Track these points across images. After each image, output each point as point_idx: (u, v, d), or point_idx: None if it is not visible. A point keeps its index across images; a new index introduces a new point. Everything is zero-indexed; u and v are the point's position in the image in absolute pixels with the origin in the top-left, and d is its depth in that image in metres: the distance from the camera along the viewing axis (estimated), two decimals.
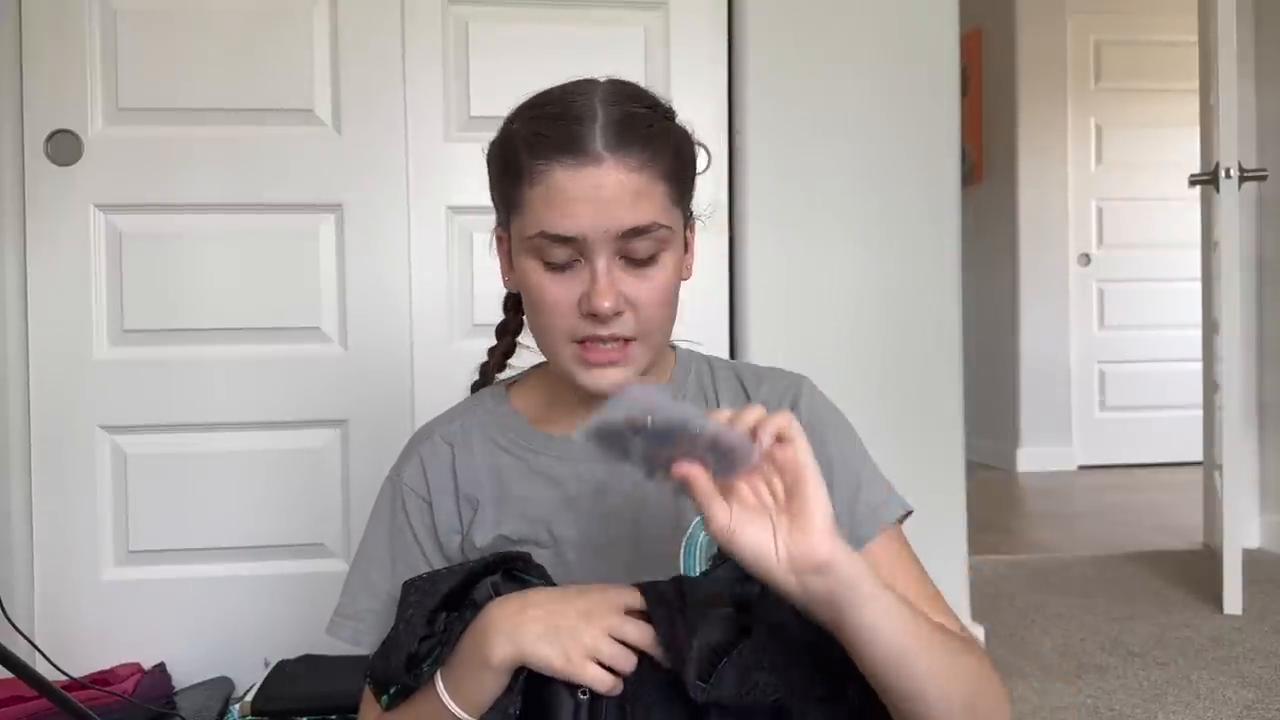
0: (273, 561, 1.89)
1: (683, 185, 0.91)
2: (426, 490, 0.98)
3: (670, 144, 0.89)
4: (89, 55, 1.83)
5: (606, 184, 0.84)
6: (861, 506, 0.94)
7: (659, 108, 0.91)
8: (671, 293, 0.91)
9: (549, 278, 0.88)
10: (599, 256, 0.86)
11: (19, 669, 1.12)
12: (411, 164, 1.89)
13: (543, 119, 0.87)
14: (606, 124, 0.85)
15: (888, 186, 1.95)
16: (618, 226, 0.85)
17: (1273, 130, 2.95)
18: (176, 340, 1.86)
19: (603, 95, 0.88)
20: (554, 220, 0.85)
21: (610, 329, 0.87)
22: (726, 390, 1.00)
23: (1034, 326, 4.71)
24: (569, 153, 0.84)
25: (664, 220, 0.87)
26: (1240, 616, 2.30)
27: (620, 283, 0.87)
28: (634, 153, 0.85)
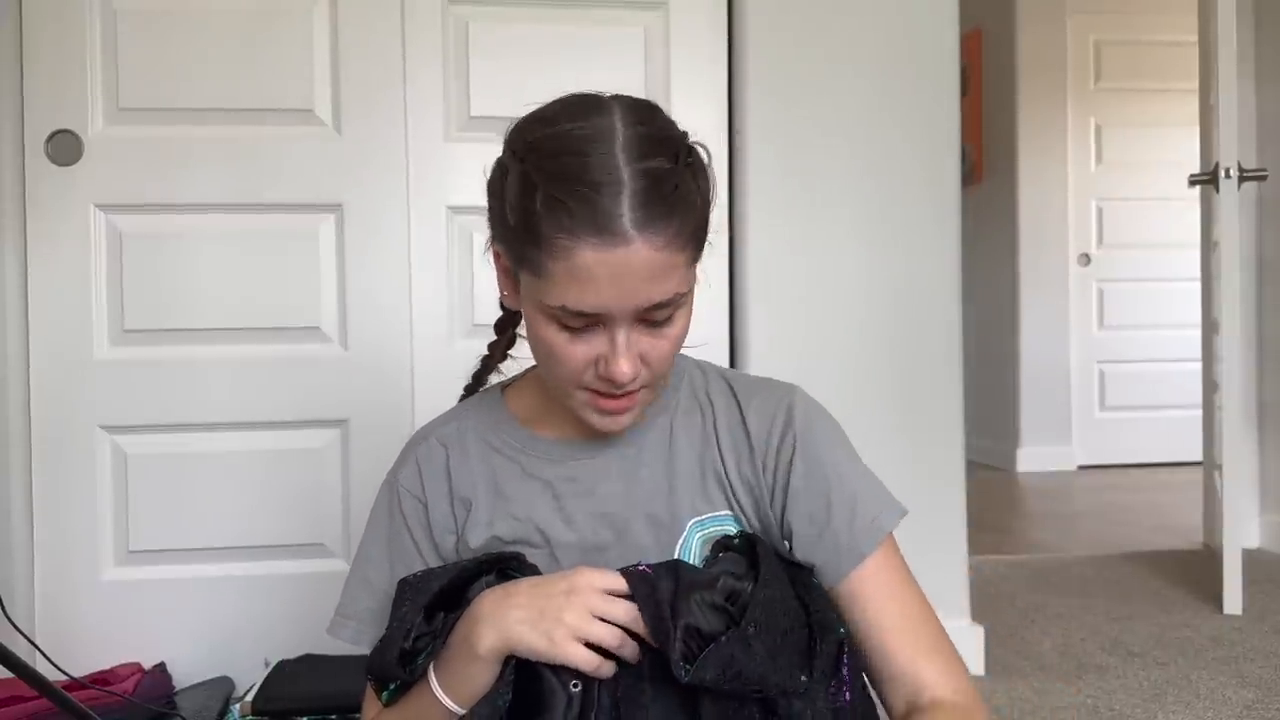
0: (273, 561, 1.89)
1: (701, 240, 0.87)
2: (422, 491, 0.99)
3: (693, 204, 0.84)
4: (89, 55, 1.83)
5: (635, 264, 0.80)
6: (859, 521, 0.94)
7: (680, 150, 0.85)
8: (682, 340, 0.90)
9: (564, 337, 0.86)
10: (619, 328, 0.84)
11: (19, 669, 1.12)
12: (411, 164, 1.89)
13: (562, 180, 0.80)
14: (634, 195, 0.79)
15: (888, 187, 1.95)
16: (645, 301, 0.83)
17: (1273, 130, 2.95)
18: (176, 340, 1.86)
19: (625, 147, 0.81)
20: (577, 298, 0.82)
21: (625, 388, 0.87)
22: (720, 399, 1.00)
23: (1034, 326, 4.71)
24: (595, 232, 0.79)
25: (684, 289, 0.85)
26: (1240, 616, 2.30)
27: (638, 344, 0.86)
28: (661, 228, 0.80)
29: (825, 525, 0.93)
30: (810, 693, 0.82)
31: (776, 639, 0.81)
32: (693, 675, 0.78)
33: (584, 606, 0.81)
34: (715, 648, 0.78)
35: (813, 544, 0.93)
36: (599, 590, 0.83)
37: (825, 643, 0.84)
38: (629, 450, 0.97)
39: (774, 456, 0.95)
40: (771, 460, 0.95)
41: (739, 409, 0.98)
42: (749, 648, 0.79)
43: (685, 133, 0.89)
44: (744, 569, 0.86)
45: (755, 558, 0.87)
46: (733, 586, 0.84)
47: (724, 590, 0.84)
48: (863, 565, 0.92)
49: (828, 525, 0.93)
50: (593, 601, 0.82)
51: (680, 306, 0.87)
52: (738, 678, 0.78)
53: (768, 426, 0.96)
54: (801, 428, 0.96)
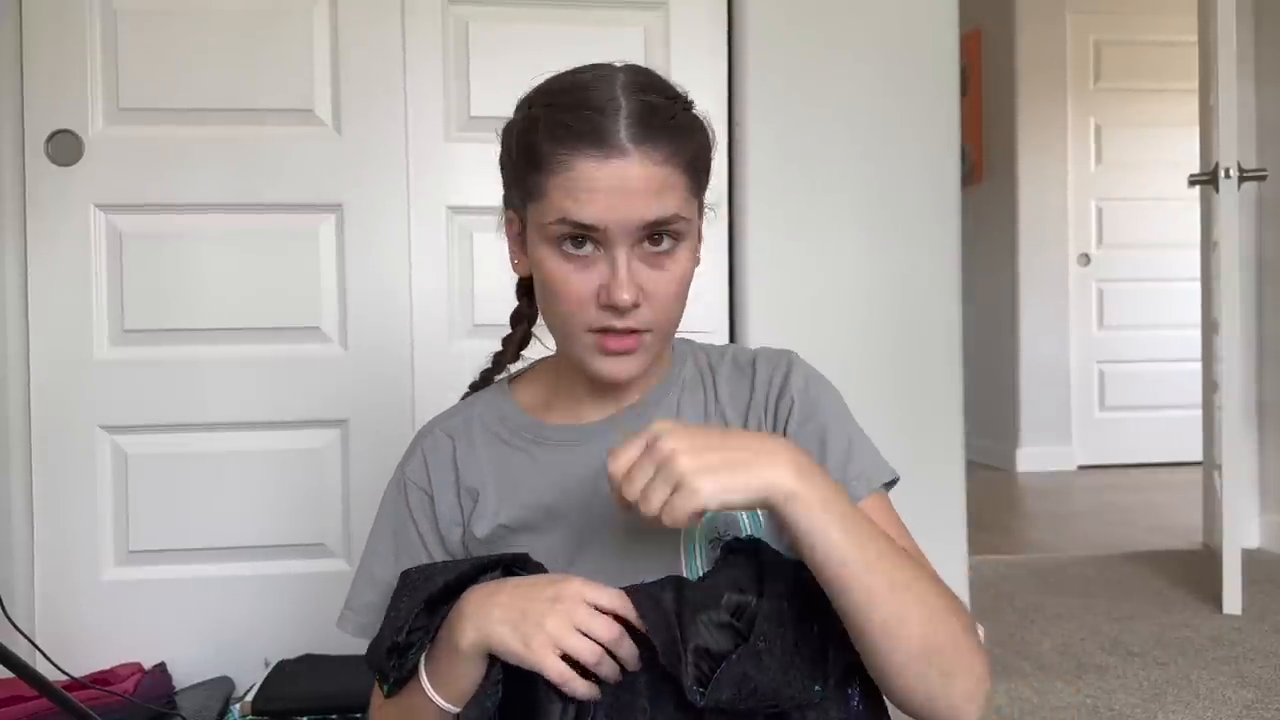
0: (273, 561, 1.89)
1: (700, 176, 0.91)
2: (428, 483, 1.00)
3: (691, 135, 0.90)
4: (89, 55, 1.83)
5: (631, 177, 0.84)
6: (853, 470, 0.95)
7: (679, 98, 0.91)
8: (686, 284, 0.92)
9: (567, 267, 0.88)
10: (619, 248, 0.86)
11: (19, 669, 1.12)
12: (411, 164, 1.89)
13: (565, 107, 0.86)
14: (631, 115, 0.85)
15: (888, 187, 1.95)
16: (640, 219, 0.85)
17: (1272, 130, 2.95)
18: (177, 340, 1.86)
19: (624, 83, 0.87)
20: (576, 210, 0.85)
21: (626, 321, 0.88)
22: (725, 374, 1.02)
23: (1034, 326, 4.71)
24: (594, 144, 0.84)
25: (685, 212, 0.88)
26: (1240, 616, 2.30)
27: (637, 274, 0.87)
28: (659, 145, 0.85)
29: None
30: (823, 702, 0.81)
31: (788, 651, 0.80)
32: (708, 698, 0.76)
33: (566, 616, 0.80)
34: (727, 667, 0.77)
35: None
36: (585, 603, 0.81)
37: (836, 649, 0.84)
38: (636, 428, 0.97)
39: (774, 406, 0.98)
40: (771, 410, 0.98)
41: (743, 377, 1.00)
42: (761, 663, 0.78)
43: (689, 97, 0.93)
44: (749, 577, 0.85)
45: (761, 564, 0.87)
46: (738, 601, 0.83)
47: (729, 606, 0.83)
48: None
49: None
50: (577, 613, 0.80)
51: (681, 239, 0.89)
52: (753, 695, 0.77)
53: (767, 380, 0.99)
54: (799, 383, 0.99)
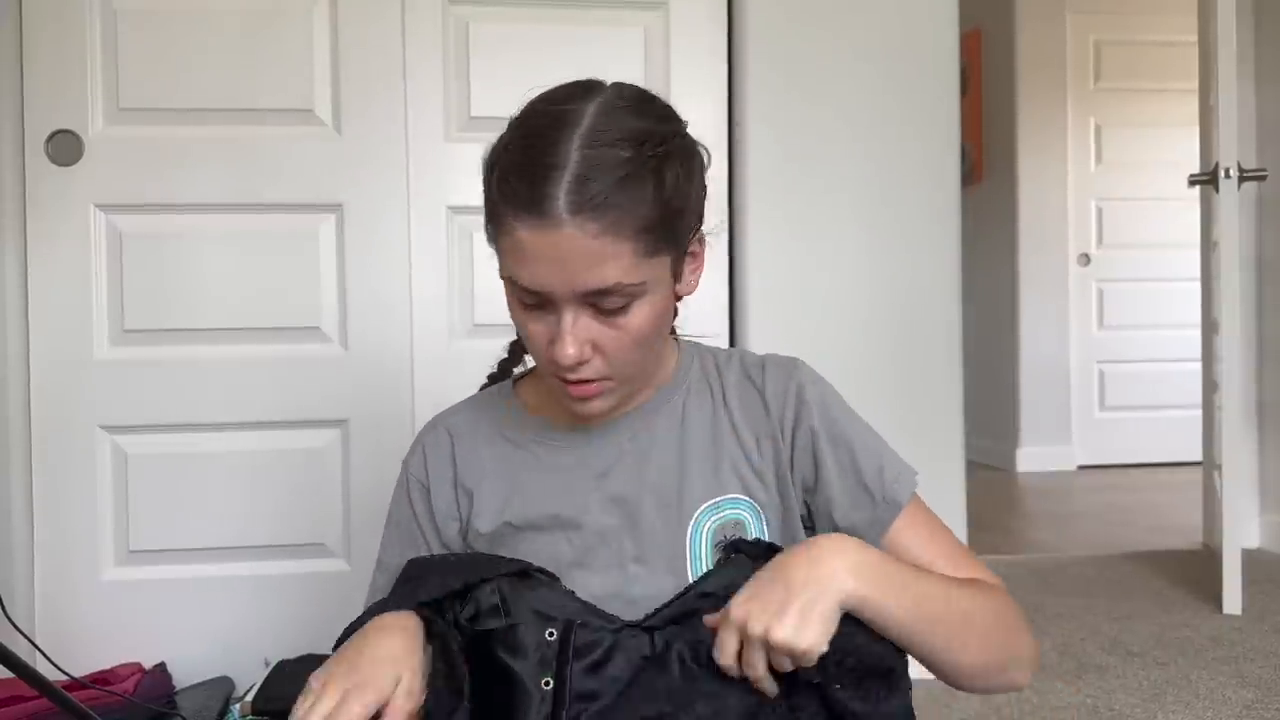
0: (273, 561, 1.89)
1: (662, 229, 0.86)
2: (425, 477, 1.02)
3: (649, 191, 0.84)
4: (89, 55, 1.83)
5: (564, 248, 0.82)
6: (888, 479, 0.97)
7: (648, 141, 0.85)
8: (647, 335, 0.89)
9: (526, 315, 0.89)
10: (564, 309, 0.86)
11: (19, 669, 1.12)
12: (411, 164, 1.89)
13: (514, 165, 0.84)
14: (573, 181, 0.81)
15: (888, 186, 1.95)
16: (576, 288, 0.84)
17: (1272, 130, 2.95)
18: (176, 340, 1.86)
19: (585, 131, 0.83)
20: (520, 273, 0.85)
21: (578, 374, 0.89)
22: (732, 375, 1.02)
23: (1034, 326, 4.71)
24: (531, 211, 0.82)
25: (630, 279, 0.84)
26: (1240, 616, 2.30)
27: (588, 330, 0.86)
28: (598, 216, 0.81)
29: (857, 485, 0.97)
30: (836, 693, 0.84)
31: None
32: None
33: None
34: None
35: (848, 505, 0.96)
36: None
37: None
38: (641, 433, 0.99)
39: (792, 426, 0.98)
40: (790, 430, 0.98)
41: (753, 383, 1.00)
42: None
43: (673, 130, 0.90)
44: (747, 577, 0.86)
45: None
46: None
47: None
48: (901, 516, 0.96)
49: (859, 485, 0.97)
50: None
51: (638, 299, 0.87)
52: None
53: (783, 399, 0.99)
54: (814, 396, 0.99)
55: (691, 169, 0.90)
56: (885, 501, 0.96)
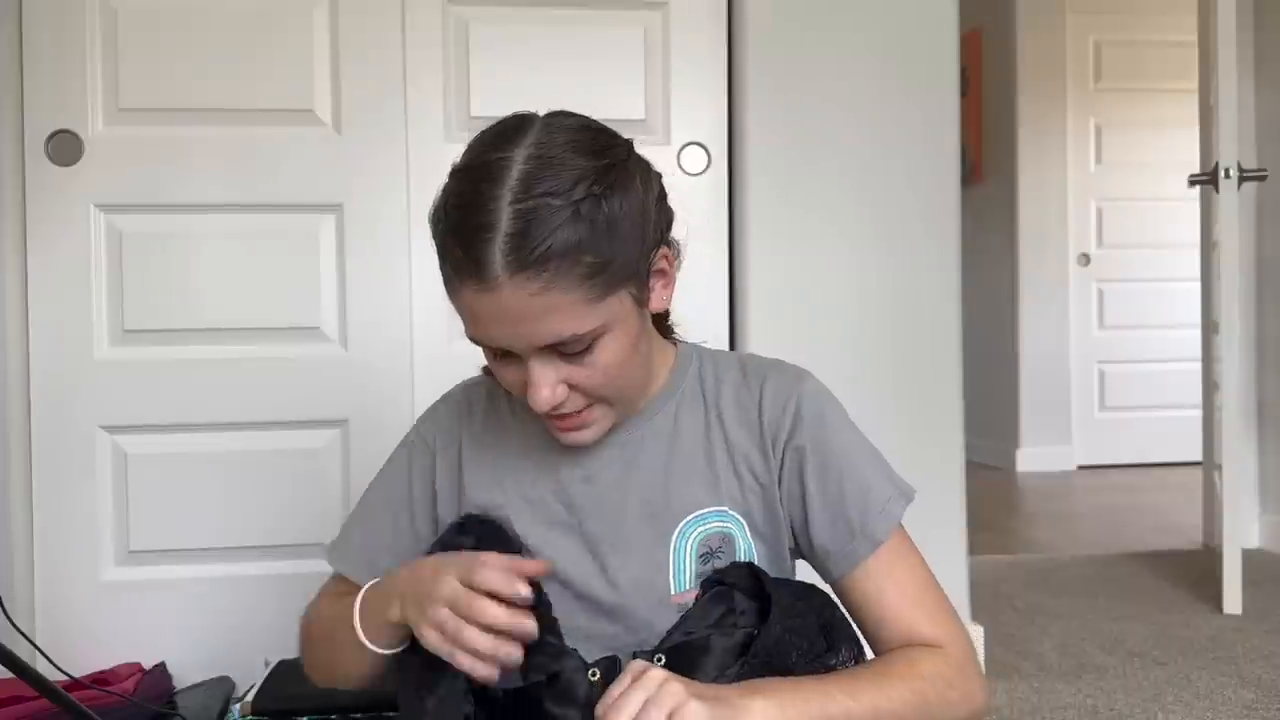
0: (273, 561, 1.89)
1: (612, 270, 0.83)
2: (436, 444, 1.04)
3: (587, 237, 0.81)
4: (89, 55, 1.83)
5: (509, 308, 0.81)
6: (873, 508, 0.95)
7: (582, 182, 0.81)
8: (619, 362, 0.88)
9: (497, 364, 0.90)
10: (530, 360, 0.86)
11: (20, 669, 1.12)
12: (411, 164, 1.89)
13: (450, 230, 0.83)
14: (507, 239, 0.79)
15: (887, 186, 1.95)
16: (534, 343, 0.84)
17: (1272, 130, 2.96)
18: (176, 340, 1.86)
19: (516, 181, 0.80)
20: (476, 332, 0.86)
21: (559, 412, 0.89)
22: (729, 385, 1.00)
23: (1034, 326, 4.71)
24: (471, 275, 0.81)
25: (582, 329, 0.83)
26: (1240, 616, 2.30)
27: (558, 372, 0.86)
28: (536, 272, 0.79)
29: (838, 514, 0.95)
30: None
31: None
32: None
33: (451, 599, 0.81)
34: None
35: (825, 532, 0.95)
36: (476, 593, 0.80)
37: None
38: (632, 437, 0.98)
39: (784, 441, 0.96)
40: (781, 445, 0.97)
41: (750, 392, 0.99)
42: None
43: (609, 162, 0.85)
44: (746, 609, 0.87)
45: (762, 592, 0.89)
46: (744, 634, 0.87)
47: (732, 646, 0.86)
48: (875, 554, 0.95)
49: (842, 514, 0.95)
50: (461, 602, 0.80)
51: (600, 337, 0.85)
52: None
53: (779, 411, 0.97)
54: (812, 414, 0.97)
55: (633, 195, 0.86)
56: (862, 535, 0.94)
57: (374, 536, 1.06)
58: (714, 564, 0.94)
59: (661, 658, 0.86)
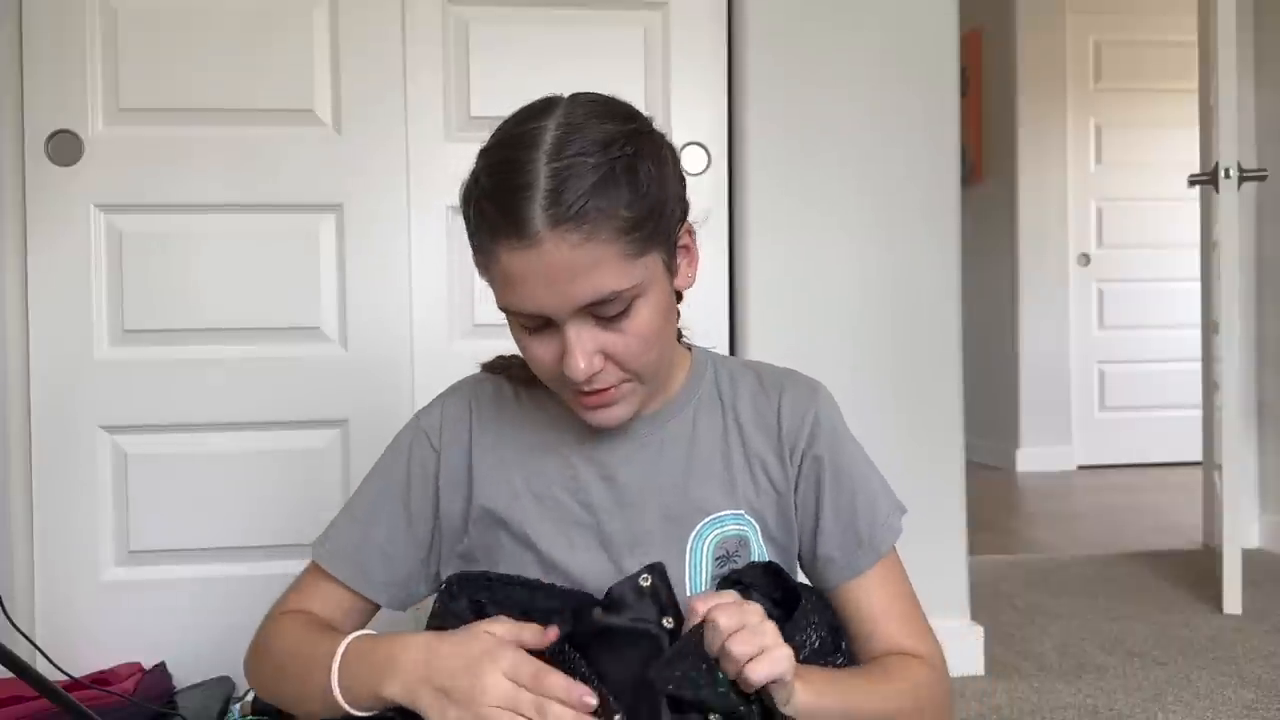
0: (273, 561, 1.88)
1: (646, 228, 0.85)
2: (439, 439, 1.01)
3: (624, 193, 0.83)
4: (89, 55, 1.83)
5: (552, 264, 0.81)
6: (879, 521, 1.00)
7: (614, 144, 0.84)
8: (654, 332, 0.88)
9: (529, 339, 0.89)
10: (566, 325, 0.85)
11: (20, 669, 1.12)
12: (411, 164, 1.89)
13: (488, 191, 0.84)
14: (547, 195, 0.80)
15: (887, 186, 1.95)
16: (574, 303, 0.83)
17: (1272, 130, 2.96)
18: (176, 340, 1.86)
19: (550, 145, 0.83)
20: (514, 300, 0.85)
21: (593, 385, 0.88)
22: (745, 392, 1.01)
23: (1034, 326, 4.71)
24: (511, 234, 0.82)
25: (622, 285, 0.84)
26: (1240, 616, 2.30)
27: (594, 340, 0.86)
28: (579, 224, 0.80)
29: (849, 526, 0.98)
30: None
31: None
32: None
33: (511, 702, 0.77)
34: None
35: (833, 541, 0.98)
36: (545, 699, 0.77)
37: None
38: (651, 438, 0.98)
39: (802, 450, 0.99)
40: (800, 453, 0.99)
41: (769, 399, 1.00)
42: None
43: (637, 128, 0.88)
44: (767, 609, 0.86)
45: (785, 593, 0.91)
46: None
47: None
48: (875, 566, 0.99)
49: (852, 525, 0.98)
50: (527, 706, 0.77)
51: (637, 299, 0.86)
52: None
53: (798, 421, 0.99)
54: (828, 425, 1.00)
55: (664, 162, 0.89)
56: (869, 547, 0.98)
57: (366, 536, 1.01)
58: (730, 567, 0.95)
59: None
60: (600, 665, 0.85)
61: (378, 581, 1.01)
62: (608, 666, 0.85)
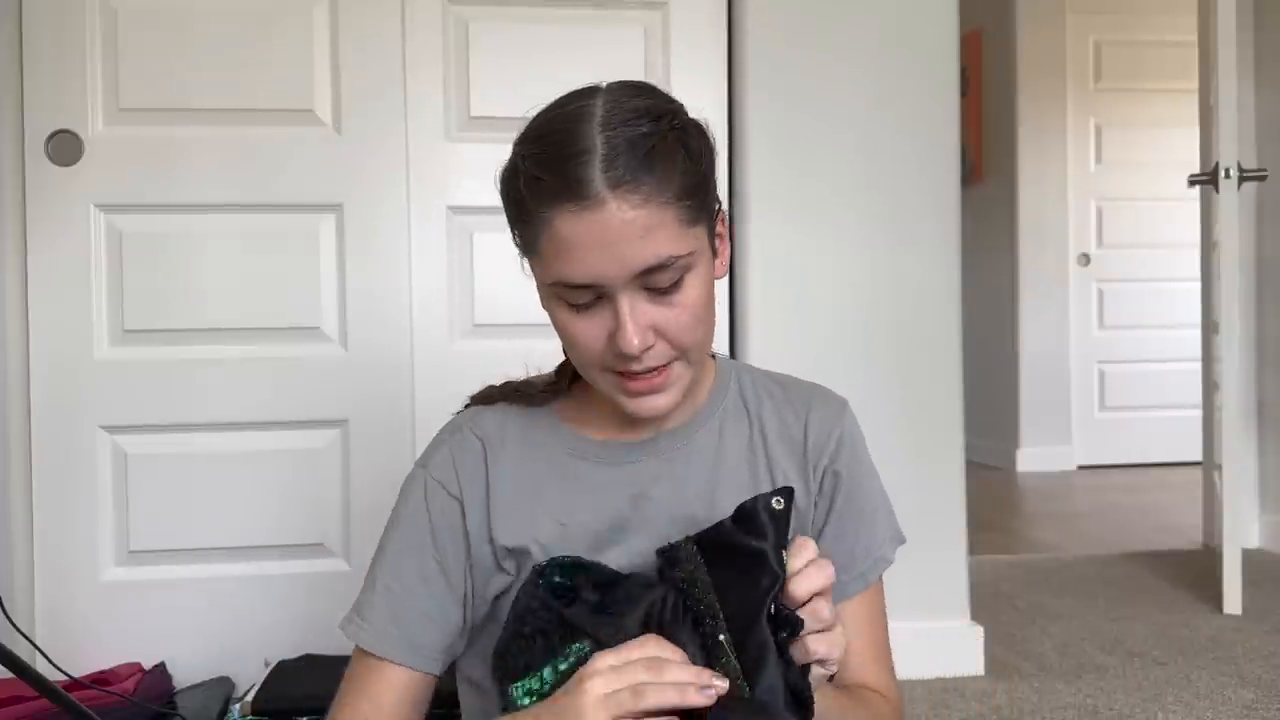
0: (273, 561, 1.89)
1: (697, 197, 0.85)
2: (458, 488, 0.94)
3: (677, 159, 0.83)
4: (89, 55, 1.83)
5: (613, 227, 0.80)
6: (875, 555, 1.00)
7: (663, 116, 0.85)
8: (703, 308, 0.87)
9: (575, 318, 0.85)
10: (620, 296, 0.83)
11: (20, 669, 1.12)
12: (411, 164, 1.89)
13: (541, 160, 0.83)
14: (605, 159, 0.80)
15: (887, 186, 1.95)
16: (631, 268, 0.81)
17: (1272, 130, 2.96)
18: (176, 340, 1.86)
19: (601, 118, 0.82)
20: (567, 270, 0.82)
21: (645, 363, 0.85)
22: (773, 405, 1.00)
23: (1034, 326, 4.71)
24: (570, 198, 0.80)
25: (679, 250, 0.83)
26: (1240, 616, 2.30)
27: (646, 314, 0.84)
28: (638, 186, 0.80)
29: (849, 550, 0.98)
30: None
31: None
32: None
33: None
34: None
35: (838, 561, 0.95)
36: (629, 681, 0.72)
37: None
38: (679, 453, 0.96)
39: (825, 465, 0.98)
40: (822, 469, 0.98)
41: (795, 412, 0.99)
42: None
43: (679, 107, 0.89)
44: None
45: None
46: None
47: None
48: (861, 594, 0.99)
49: (850, 550, 0.98)
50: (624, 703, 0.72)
51: (688, 271, 0.85)
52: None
53: (825, 437, 0.99)
54: (853, 446, 1.00)
55: (706, 139, 0.90)
56: (860, 577, 0.98)
57: (403, 605, 0.93)
58: None
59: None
60: (720, 584, 0.79)
61: (431, 650, 0.94)
62: (727, 588, 0.79)
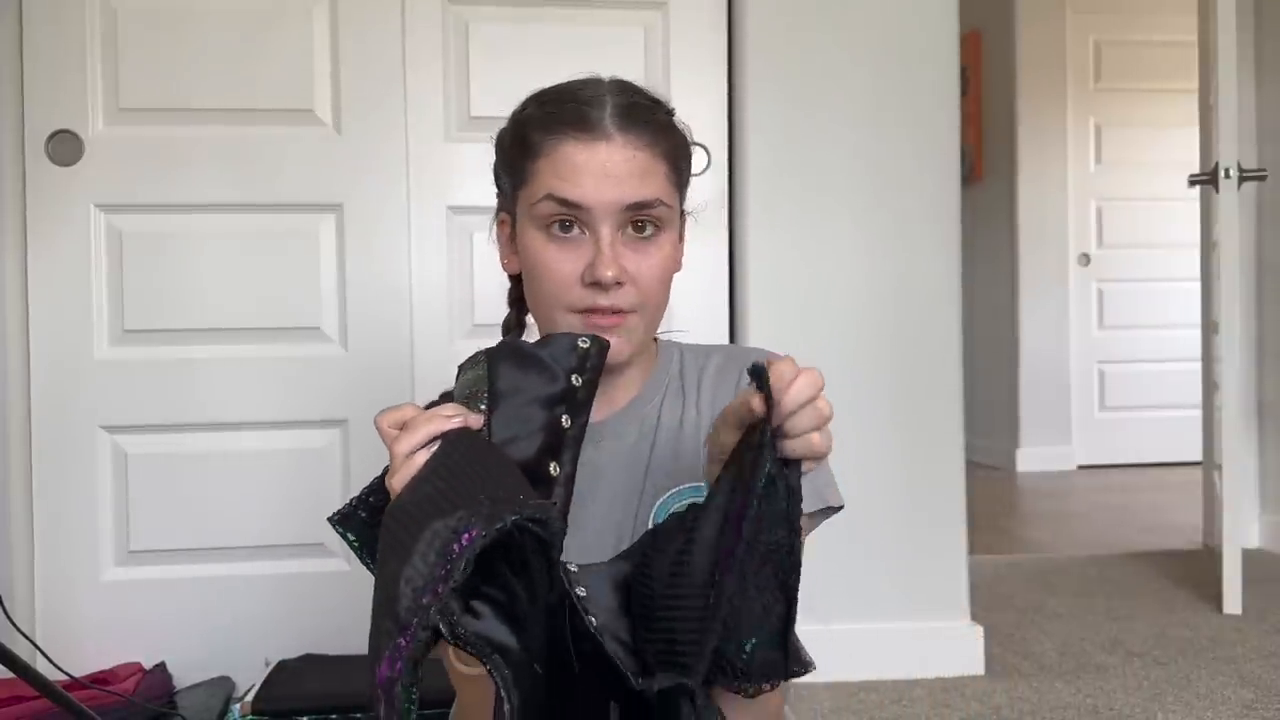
0: (273, 561, 1.89)
1: (681, 173, 0.97)
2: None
3: (672, 134, 0.96)
4: (89, 55, 1.83)
5: (615, 160, 0.90)
6: (824, 487, 0.97)
7: (661, 104, 0.98)
8: (669, 272, 0.96)
9: (553, 249, 0.92)
10: (603, 228, 0.91)
11: (20, 669, 1.12)
12: (411, 164, 1.89)
13: (554, 101, 0.94)
14: (615, 107, 0.92)
15: (888, 186, 1.95)
16: (623, 200, 0.90)
17: (1273, 130, 2.96)
18: (177, 340, 1.86)
19: (610, 87, 0.95)
20: (563, 188, 0.90)
21: (612, 299, 0.91)
22: (710, 375, 1.03)
23: (1034, 326, 4.71)
24: (580, 129, 0.90)
25: (667, 199, 0.93)
26: (1240, 616, 2.30)
27: (621, 256, 0.91)
28: (642, 133, 0.92)
29: None
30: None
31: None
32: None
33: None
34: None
35: None
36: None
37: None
38: (626, 429, 1.00)
39: None
40: None
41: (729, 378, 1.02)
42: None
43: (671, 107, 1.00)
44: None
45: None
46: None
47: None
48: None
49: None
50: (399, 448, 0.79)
51: (665, 229, 0.94)
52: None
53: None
54: None
55: (689, 145, 1.00)
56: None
57: None
58: None
59: None
60: (503, 384, 0.86)
61: None
62: (509, 388, 0.86)
